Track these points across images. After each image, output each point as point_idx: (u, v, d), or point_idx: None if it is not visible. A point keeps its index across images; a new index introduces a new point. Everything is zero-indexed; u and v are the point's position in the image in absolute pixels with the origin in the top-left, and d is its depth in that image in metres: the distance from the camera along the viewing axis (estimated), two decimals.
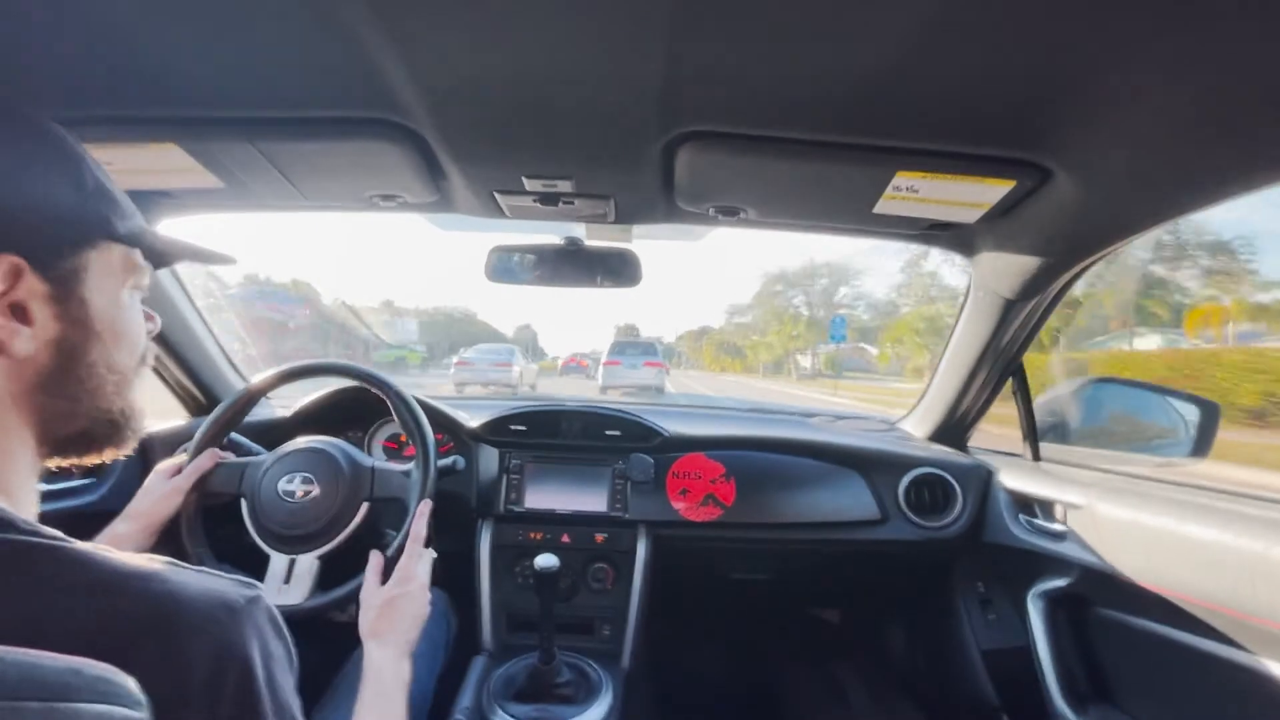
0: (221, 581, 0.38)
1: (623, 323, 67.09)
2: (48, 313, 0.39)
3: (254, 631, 0.37)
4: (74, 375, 0.41)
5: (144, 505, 0.84)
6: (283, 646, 0.40)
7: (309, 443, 0.94)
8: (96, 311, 0.42)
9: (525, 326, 69.00)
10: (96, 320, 0.42)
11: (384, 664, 0.68)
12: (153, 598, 0.34)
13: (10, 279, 0.37)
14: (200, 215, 1.07)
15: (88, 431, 0.43)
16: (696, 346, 45.05)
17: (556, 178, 0.87)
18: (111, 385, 0.43)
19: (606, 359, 13.46)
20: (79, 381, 0.41)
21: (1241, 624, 0.73)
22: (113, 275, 0.43)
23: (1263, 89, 0.53)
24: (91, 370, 0.42)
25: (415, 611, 0.75)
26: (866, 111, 0.66)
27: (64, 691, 0.27)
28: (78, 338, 0.41)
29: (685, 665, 1.63)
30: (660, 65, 0.58)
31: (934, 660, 1.39)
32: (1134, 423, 1.18)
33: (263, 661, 0.37)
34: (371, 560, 0.81)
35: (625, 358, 13.24)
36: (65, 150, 0.42)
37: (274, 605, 0.42)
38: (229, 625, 0.36)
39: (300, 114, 0.72)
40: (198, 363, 1.23)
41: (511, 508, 1.19)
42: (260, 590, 0.40)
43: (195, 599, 0.35)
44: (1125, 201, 0.77)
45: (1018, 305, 1.07)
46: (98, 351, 0.42)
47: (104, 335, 0.42)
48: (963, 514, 1.20)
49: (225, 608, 0.36)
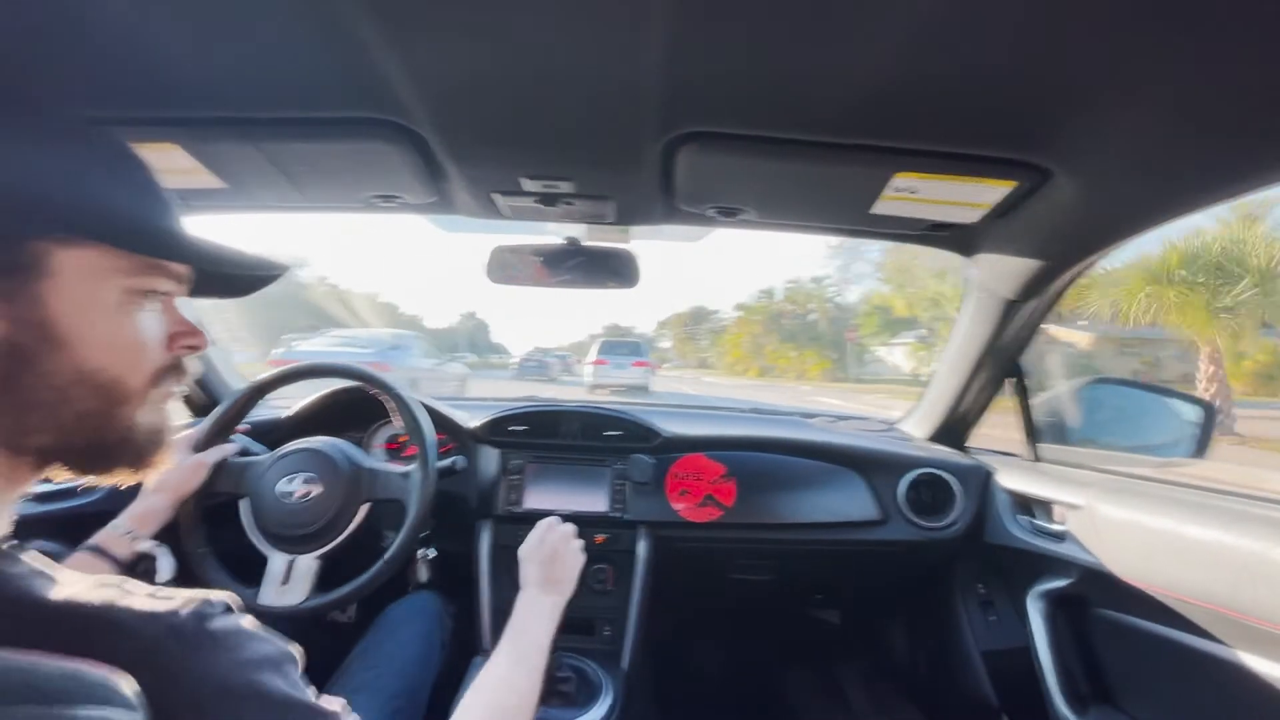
0: (170, 603, 0.35)
1: (603, 314, 66.14)
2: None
3: (212, 649, 0.35)
4: (23, 383, 0.36)
5: (173, 478, 0.87)
6: (264, 647, 0.38)
7: (309, 443, 0.95)
8: (53, 312, 0.36)
9: (470, 315, 64.44)
10: (52, 322, 0.36)
11: (543, 606, 0.78)
12: (96, 632, 0.32)
13: None
14: (200, 216, 1.07)
15: (67, 446, 0.39)
16: (689, 335, 43.79)
17: (556, 179, 0.87)
18: (89, 399, 0.38)
19: (595, 358, 13.55)
20: (29, 390, 0.36)
21: (1241, 624, 0.73)
22: (95, 276, 0.38)
23: (1262, 89, 0.54)
24: (44, 380, 0.36)
25: (575, 560, 0.88)
26: (866, 112, 0.66)
27: (62, 695, 0.27)
28: (27, 341, 0.35)
29: (685, 666, 1.63)
30: (660, 66, 0.58)
31: (934, 661, 1.39)
32: (1133, 423, 1.17)
33: (238, 672, 0.35)
34: (543, 523, 0.91)
35: (614, 357, 13.38)
36: (29, 131, 0.37)
37: (269, 605, 0.41)
38: (179, 654, 0.34)
39: (301, 114, 0.72)
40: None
41: (511, 508, 1.19)
42: (214, 603, 0.37)
43: (140, 629, 0.33)
44: (1125, 202, 0.77)
45: (1018, 306, 1.07)
46: (57, 360, 0.36)
47: (71, 342, 0.37)
48: (962, 514, 1.20)
49: (173, 635, 0.34)
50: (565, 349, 33.80)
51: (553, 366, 21.27)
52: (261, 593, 0.85)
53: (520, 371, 20.53)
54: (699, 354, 42.18)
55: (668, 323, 51.34)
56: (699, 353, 42.22)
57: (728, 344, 31.70)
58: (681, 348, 45.31)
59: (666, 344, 49.77)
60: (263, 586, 0.86)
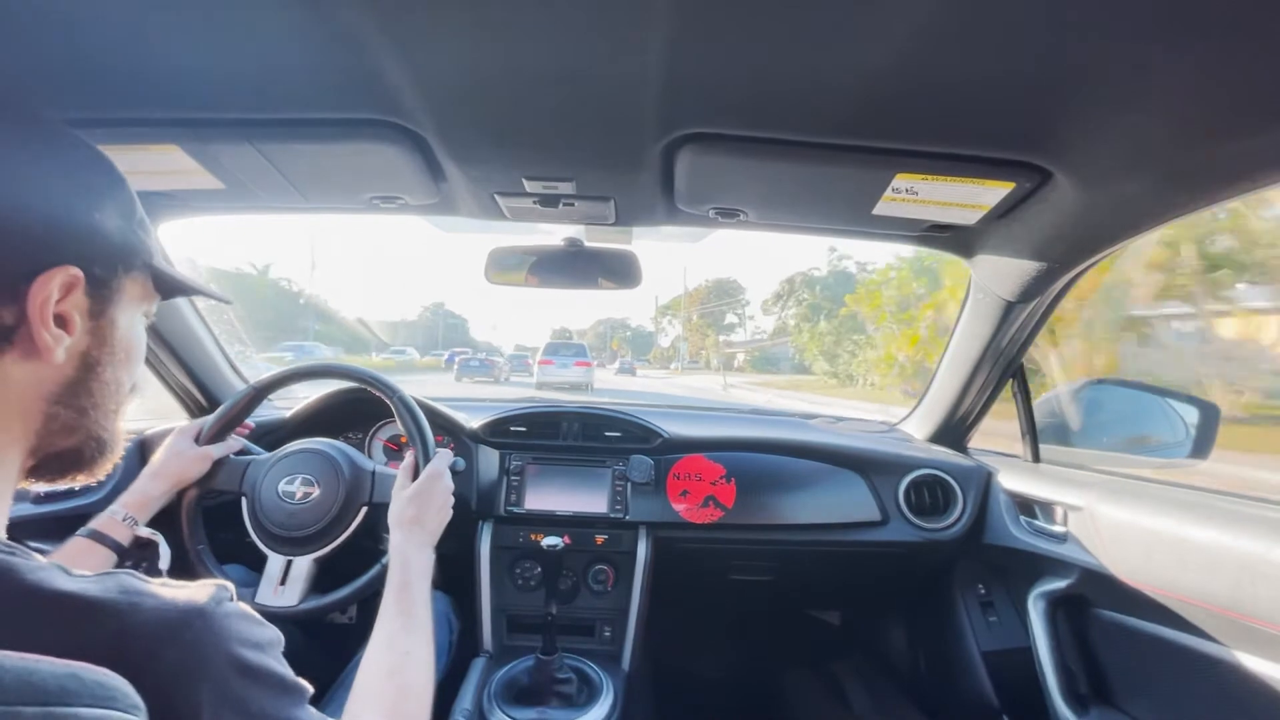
0: (188, 590, 0.37)
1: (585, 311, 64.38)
2: (83, 326, 0.42)
3: (215, 637, 0.37)
4: (88, 388, 0.43)
5: (173, 466, 0.87)
6: (262, 631, 0.40)
7: (310, 444, 0.95)
8: (120, 332, 0.45)
9: (437, 309, 61.17)
10: (118, 340, 0.45)
11: (409, 552, 0.74)
12: (107, 627, 0.33)
13: (65, 289, 0.40)
14: (200, 217, 1.07)
15: (78, 449, 0.44)
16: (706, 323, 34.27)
17: (557, 180, 0.88)
18: (114, 403, 0.46)
19: (541, 359, 14.93)
20: (90, 395, 0.43)
21: (1241, 625, 0.73)
22: (136, 300, 0.47)
23: (1261, 89, 0.54)
24: (104, 386, 0.44)
25: (442, 504, 0.83)
26: (866, 113, 0.66)
27: (62, 696, 0.27)
28: (99, 354, 0.44)
29: (686, 667, 1.63)
30: (661, 67, 0.58)
31: (935, 662, 1.39)
32: (1133, 424, 1.18)
33: (239, 656, 0.37)
34: (406, 459, 0.87)
35: (559, 358, 14.69)
36: (115, 177, 0.45)
37: (266, 606, 0.42)
38: (203, 633, 0.36)
39: (301, 115, 0.72)
40: (198, 364, 1.23)
41: (512, 509, 1.19)
42: (209, 596, 0.38)
43: (146, 624, 0.34)
44: (1124, 203, 0.77)
45: (1018, 307, 1.07)
46: (112, 370, 0.45)
47: (119, 354, 0.45)
48: (963, 515, 1.20)
49: (200, 616, 0.36)
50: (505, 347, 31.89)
51: (497, 366, 19.75)
52: (259, 592, 0.85)
53: (460, 371, 18.19)
54: (726, 350, 32.15)
55: (672, 306, 40.18)
56: (726, 349, 32.22)
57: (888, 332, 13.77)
58: (699, 340, 35.10)
59: (666, 340, 40.23)
60: (260, 586, 0.86)
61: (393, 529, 0.77)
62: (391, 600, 0.68)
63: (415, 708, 0.59)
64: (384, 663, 0.62)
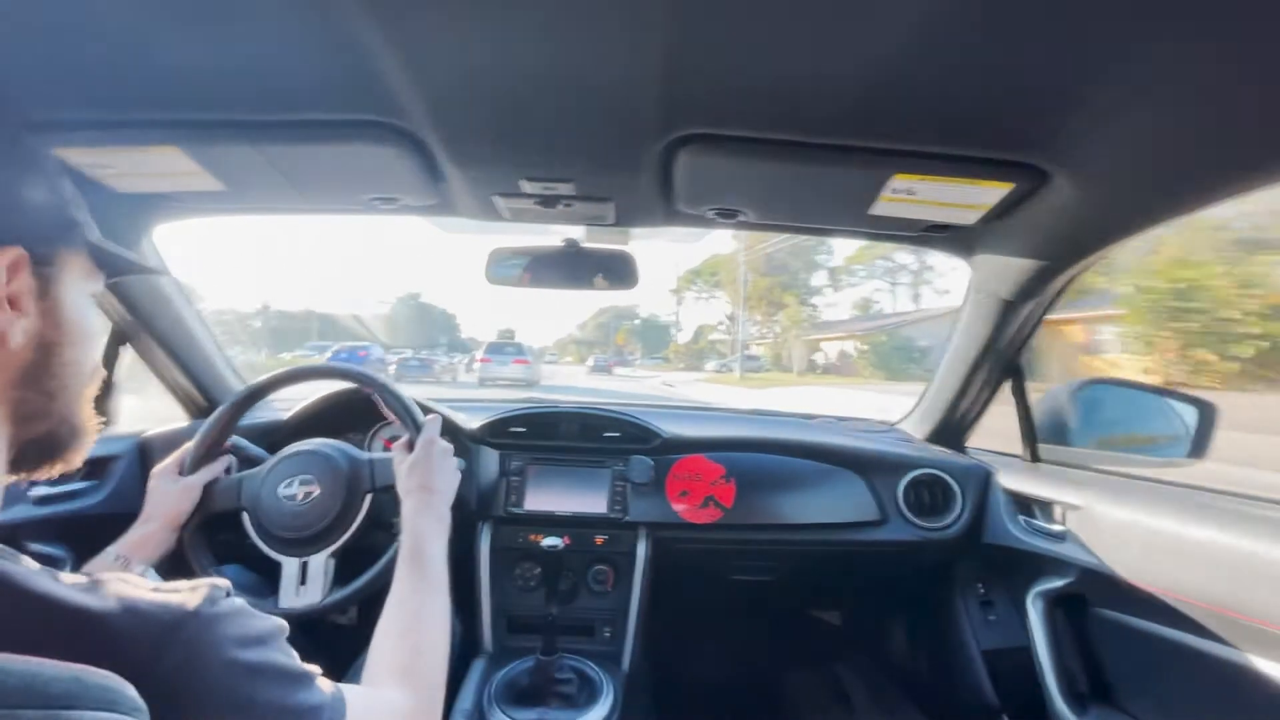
0: (179, 593, 0.37)
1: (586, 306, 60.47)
2: (33, 308, 0.41)
3: (211, 638, 0.36)
4: (49, 371, 0.43)
5: (161, 507, 0.85)
6: (260, 624, 0.40)
7: (304, 445, 0.95)
8: (67, 311, 0.44)
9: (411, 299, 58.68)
10: (67, 319, 0.44)
11: (420, 519, 0.76)
12: (101, 633, 0.33)
13: (11, 271, 0.39)
14: (200, 219, 1.07)
15: (53, 434, 0.44)
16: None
17: (556, 181, 0.88)
18: (78, 385, 0.46)
19: (481, 357, 15.81)
20: (53, 377, 0.43)
21: (1241, 624, 0.74)
22: (80, 279, 0.46)
23: (1261, 89, 0.54)
24: (65, 367, 0.44)
25: (443, 465, 0.85)
26: (865, 114, 0.66)
27: (66, 699, 0.27)
28: (54, 335, 0.43)
29: (686, 667, 1.63)
30: (659, 68, 0.58)
31: (934, 661, 1.39)
32: (1131, 423, 1.18)
33: (239, 655, 0.37)
34: (401, 439, 0.89)
35: (497, 356, 15.44)
36: (39, 158, 0.44)
37: (291, 609, 0.42)
38: (198, 633, 0.36)
39: (301, 117, 0.72)
40: (198, 365, 1.23)
41: (511, 510, 1.19)
42: (219, 587, 0.39)
43: (140, 629, 0.34)
44: (1123, 203, 0.78)
45: (1016, 306, 1.08)
46: (69, 350, 0.44)
47: (73, 334, 0.45)
48: (962, 515, 1.21)
49: (192, 618, 0.36)
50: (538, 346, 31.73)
51: (438, 365, 19.34)
52: (281, 598, 0.85)
53: (399, 371, 17.61)
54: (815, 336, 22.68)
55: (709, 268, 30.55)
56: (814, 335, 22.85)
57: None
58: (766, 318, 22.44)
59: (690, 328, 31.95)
60: (281, 592, 0.85)
61: (403, 501, 0.80)
62: (404, 564, 0.69)
63: (429, 663, 0.60)
64: (397, 622, 0.63)
